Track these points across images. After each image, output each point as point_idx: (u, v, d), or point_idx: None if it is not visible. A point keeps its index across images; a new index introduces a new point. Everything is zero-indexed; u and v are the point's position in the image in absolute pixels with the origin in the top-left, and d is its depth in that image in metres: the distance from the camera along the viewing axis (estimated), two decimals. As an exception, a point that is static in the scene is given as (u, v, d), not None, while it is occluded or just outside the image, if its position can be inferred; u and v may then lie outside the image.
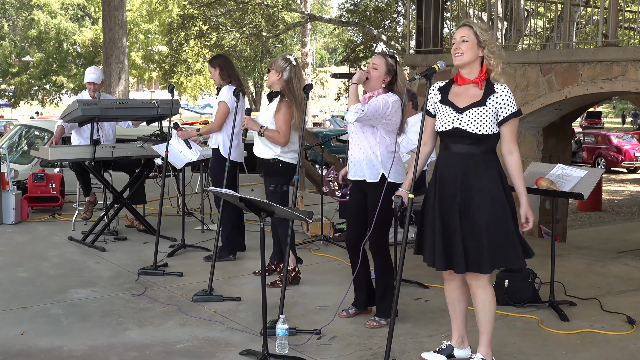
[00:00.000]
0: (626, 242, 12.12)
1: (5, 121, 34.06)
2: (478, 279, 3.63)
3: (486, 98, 3.59)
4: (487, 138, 3.59)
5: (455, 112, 3.62)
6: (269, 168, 5.28)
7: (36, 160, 9.08)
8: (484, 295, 3.64)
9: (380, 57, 4.48)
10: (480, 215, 3.54)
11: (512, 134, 3.61)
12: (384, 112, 4.30)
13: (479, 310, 3.68)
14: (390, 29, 21.66)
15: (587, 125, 39.47)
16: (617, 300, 5.12)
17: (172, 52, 25.00)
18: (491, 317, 3.67)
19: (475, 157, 3.59)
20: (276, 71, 5.23)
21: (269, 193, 5.29)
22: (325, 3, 51.91)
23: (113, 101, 7.10)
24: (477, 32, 3.60)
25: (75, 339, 4.20)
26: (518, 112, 3.61)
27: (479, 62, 3.64)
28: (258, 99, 40.10)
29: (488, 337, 3.70)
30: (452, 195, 3.60)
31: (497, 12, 10.06)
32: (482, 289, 3.64)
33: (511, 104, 3.59)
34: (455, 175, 3.59)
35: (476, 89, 3.63)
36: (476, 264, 3.57)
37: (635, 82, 7.25)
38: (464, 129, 3.58)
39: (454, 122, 3.61)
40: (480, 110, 3.57)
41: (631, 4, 15.30)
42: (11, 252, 6.36)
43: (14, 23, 35.63)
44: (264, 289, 3.78)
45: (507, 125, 3.59)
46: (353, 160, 4.47)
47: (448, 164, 3.64)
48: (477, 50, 3.61)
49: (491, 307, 3.66)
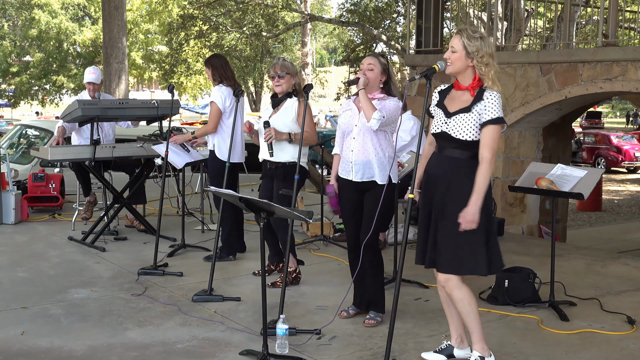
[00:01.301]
0: (626, 242, 12.13)
1: (5, 121, 34.09)
2: (449, 280, 3.68)
3: (473, 105, 3.63)
4: (473, 144, 3.63)
5: (444, 117, 3.70)
6: (288, 171, 5.11)
7: (36, 160, 9.08)
8: (460, 295, 3.67)
9: (373, 57, 4.49)
10: (456, 218, 3.57)
11: (486, 138, 3.59)
12: (398, 116, 4.35)
13: (460, 310, 3.73)
14: (390, 29, 21.65)
15: (587, 125, 39.47)
16: (617, 300, 5.12)
17: (172, 52, 25.00)
18: (473, 315, 3.70)
19: (460, 161, 3.65)
20: (292, 75, 5.22)
21: (278, 197, 5.14)
22: (325, 3, 51.91)
23: (113, 101, 7.10)
24: (465, 43, 3.61)
25: (75, 339, 4.20)
26: (498, 119, 3.60)
27: (471, 70, 3.67)
28: (258, 99, 40.04)
29: (478, 333, 3.73)
30: (434, 194, 3.69)
31: (497, 12, 10.06)
32: (457, 289, 3.67)
33: (493, 110, 3.59)
34: (440, 176, 3.68)
35: (468, 96, 3.68)
36: (448, 266, 3.63)
37: (635, 82, 7.26)
38: (449, 133, 3.65)
39: (442, 126, 3.69)
40: (466, 117, 3.62)
41: (631, 4, 15.30)
42: (11, 252, 6.36)
43: (14, 23, 35.63)
44: (264, 289, 3.79)
45: (484, 130, 3.60)
46: (358, 162, 4.44)
47: (435, 165, 3.74)
48: (465, 60, 3.64)
49: (470, 304, 3.68)
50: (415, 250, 3.83)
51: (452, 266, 3.63)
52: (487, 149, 3.59)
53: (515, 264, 5.41)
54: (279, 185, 5.18)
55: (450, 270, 3.65)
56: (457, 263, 3.62)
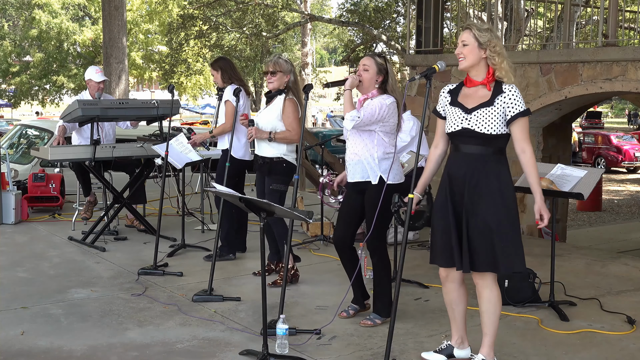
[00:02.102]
0: (626, 242, 12.12)
1: (5, 121, 34.07)
2: (484, 278, 3.63)
3: (494, 98, 3.60)
4: (496, 138, 3.59)
5: (464, 113, 3.64)
6: (272, 167, 5.28)
7: (36, 160, 9.08)
8: (490, 295, 3.64)
9: (369, 58, 4.47)
10: (490, 215, 3.54)
11: (522, 132, 3.61)
12: (381, 115, 4.30)
13: (484, 310, 3.67)
14: (390, 29, 21.66)
15: (587, 125, 39.46)
16: (617, 300, 5.12)
17: (172, 52, 25.02)
18: (496, 318, 3.67)
19: (484, 157, 3.60)
20: (284, 73, 5.27)
21: (269, 192, 5.28)
22: (325, 3, 51.92)
23: (113, 101, 7.10)
24: (476, 35, 3.61)
25: (75, 339, 4.20)
26: (526, 111, 3.61)
27: (484, 63, 3.65)
28: (258, 99, 40.04)
29: (491, 338, 3.69)
30: (460, 194, 3.61)
31: (497, 12, 10.06)
32: (489, 289, 3.64)
33: (519, 103, 3.59)
34: (463, 175, 3.61)
35: (485, 90, 3.64)
36: (486, 264, 3.57)
37: (635, 82, 7.25)
38: (472, 129, 3.59)
39: (463, 123, 3.62)
40: (488, 111, 3.59)
41: (631, 4, 15.30)
42: (11, 252, 6.36)
43: (14, 23, 35.63)
44: (264, 289, 3.78)
45: (516, 124, 3.59)
46: (352, 162, 4.45)
47: (457, 164, 3.66)
48: (478, 52, 3.62)
49: (496, 307, 3.66)
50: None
51: (490, 264, 3.57)
52: (526, 142, 3.60)
53: (515, 264, 5.40)
54: (269, 181, 5.30)
55: (489, 268, 3.58)
56: (494, 260, 3.56)
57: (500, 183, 3.58)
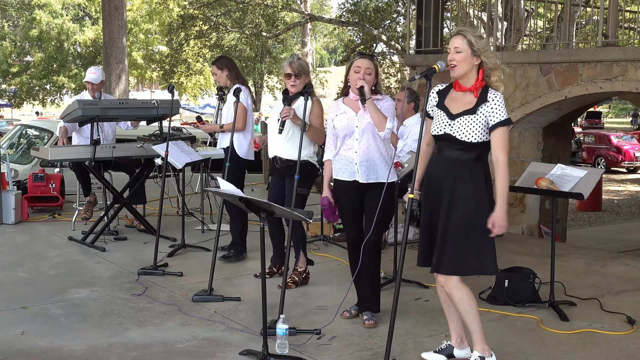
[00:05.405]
0: (626, 242, 12.12)
1: (5, 121, 34.06)
2: (449, 280, 3.66)
3: (478, 107, 3.62)
4: (477, 146, 3.62)
5: (447, 118, 3.66)
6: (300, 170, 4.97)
7: (36, 160, 9.08)
8: (460, 295, 3.66)
9: (368, 61, 4.45)
10: (463, 220, 3.57)
11: (500, 141, 3.60)
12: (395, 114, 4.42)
13: (461, 311, 3.71)
14: (390, 29, 21.63)
15: (587, 125, 39.46)
16: (617, 300, 5.12)
17: (172, 52, 24.99)
18: (474, 314, 3.69)
19: (464, 162, 3.63)
20: (307, 75, 5.18)
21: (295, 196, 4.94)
22: (325, 3, 51.94)
23: (113, 101, 7.10)
24: (471, 41, 3.60)
25: (75, 339, 4.20)
26: (506, 120, 3.60)
27: (475, 70, 3.66)
28: (258, 99, 40.09)
29: (478, 333, 3.72)
30: (436, 196, 3.66)
31: (497, 12, 10.06)
32: (457, 290, 3.66)
33: (501, 112, 3.59)
34: (443, 178, 3.65)
35: (471, 97, 3.66)
36: (450, 267, 3.62)
37: (635, 82, 7.26)
38: (454, 135, 3.62)
39: (446, 128, 3.66)
40: (471, 118, 3.61)
41: (631, 4, 15.31)
42: (11, 252, 6.36)
43: (14, 23, 35.63)
44: (264, 289, 3.78)
45: (495, 132, 3.60)
46: (364, 162, 4.44)
47: (437, 167, 3.70)
48: (471, 59, 3.63)
49: (471, 304, 3.68)
50: (416, 250, 3.83)
51: (452, 266, 3.62)
52: (501, 151, 3.58)
53: (515, 264, 5.41)
54: (290, 184, 5.06)
55: (450, 270, 3.63)
56: (457, 263, 3.60)
57: (477, 189, 3.60)
